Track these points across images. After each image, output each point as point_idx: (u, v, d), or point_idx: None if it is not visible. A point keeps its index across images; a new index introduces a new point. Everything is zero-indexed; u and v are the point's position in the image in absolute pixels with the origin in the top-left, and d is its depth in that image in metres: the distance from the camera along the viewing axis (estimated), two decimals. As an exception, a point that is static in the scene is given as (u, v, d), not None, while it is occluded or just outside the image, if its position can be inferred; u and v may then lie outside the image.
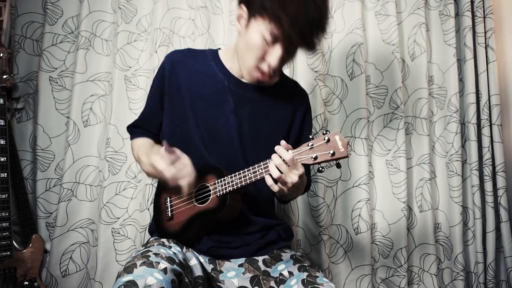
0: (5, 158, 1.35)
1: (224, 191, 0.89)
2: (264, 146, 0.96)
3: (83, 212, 1.49)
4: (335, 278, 1.54)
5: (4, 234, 1.34)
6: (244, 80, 1.01)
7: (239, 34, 0.94)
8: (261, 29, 0.86)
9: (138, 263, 0.78)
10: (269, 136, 1.02)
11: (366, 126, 1.56)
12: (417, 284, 1.62)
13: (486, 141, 1.65)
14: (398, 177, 1.59)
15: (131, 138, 1.15)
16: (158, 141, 1.11)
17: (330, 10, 1.55)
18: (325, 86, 1.59)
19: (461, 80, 1.70)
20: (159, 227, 1.02)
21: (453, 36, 1.66)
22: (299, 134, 1.09)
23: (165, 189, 1.02)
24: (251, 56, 0.90)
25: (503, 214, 1.63)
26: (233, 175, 0.88)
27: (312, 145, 0.78)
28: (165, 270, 0.77)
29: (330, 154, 0.76)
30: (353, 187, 1.57)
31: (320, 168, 0.80)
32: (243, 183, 0.86)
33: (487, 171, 1.64)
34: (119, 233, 1.46)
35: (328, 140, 0.77)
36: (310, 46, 0.88)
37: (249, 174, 0.86)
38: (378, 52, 1.63)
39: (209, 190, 0.92)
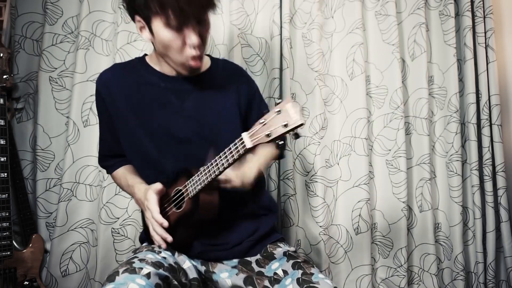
0: (5, 158, 1.35)
1: (194, 191, 0.86)
2: (222, 133, 0.96)
3: (83, 212, 1.49)
4: (335, 278, 1.54)
5: (4, 234, 1.34)
6: (176, 76, 1.01)
7: (151, 42, 0.95)
8: (161, 24, 0.86)
9: (121, 270, 0.78)
10: (223, 118, 1.01)
11: (366, 126, 1.56)
12: (417, 284, 1.62)
13: (486, 141, 1.65)
14: (398, 177, 1.59)
15: (108, 173, 1.17)
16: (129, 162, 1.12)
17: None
18: (325, 86, 1.59)
19: (461, 80, 1.70)
20: (147, 234, 1.02)
21: (453, 36, 1.66)
22: (253, 108, 1.09)
23: None
24: (174, 52, 0.90)
25: (503, 214, 1.63)
26: (198, 173, 0.85)
27: (264, 121, 0.69)
28: (148, 275, 0.76)
29: (283, 126, 0.66)
30: (353, 187, 1.57)
31: (279, 143, 0.71)
32: (209, 179, 0.82)
33: (487, 171, 1.64)
34: (119, 233, 1.46)
35: (279, 112, 0.67)
36: (208, 4, 0.87)
37: (213, 168, 0.82)
38: (378, 52, 1.63)
39: (183, 194, 0.91)
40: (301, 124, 0.65)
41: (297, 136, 0.70)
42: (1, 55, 1.37)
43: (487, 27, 1.65)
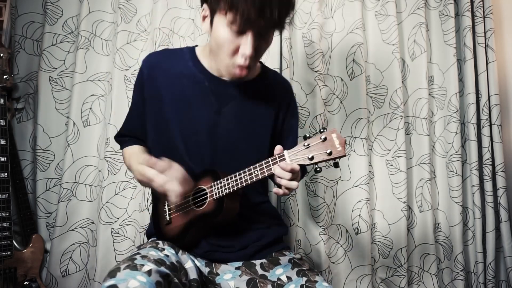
0: (5, 158, 1.35)
1: (221, 194, 0.87)
2: (252, 143, 0.95)
3: (82, 212, 1.49)
4: (335, 278, 1.54)
5: (4, 234, 1.34)
6: (224, 78, 0.99)
7: (208, 34, 0.92)
8: (224, 22, 0.83)
9: (122, 266, 0.78)
10: (256, 132, 1.00)
11: (366, 126, 1.56)
12: (417, 284, 1.62)
13: (486, 141, 1.65)
14: (398, 177, 1.59)
15: (121, 148, 1.13)
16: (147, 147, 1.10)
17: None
18: (325, 86, 1.59)
19: (461, 80, 1.70)
20: (158, 231, 1.01)
21: (453, 36, 1.66)
22: (285, 125, 1.07)
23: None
24: (224, 53, 0.87)
25: (503, 214, 1.63)
26: (229, 177, 0.86)
27: (309, 144, 0.75)
28: (149, 272, 0.76)
29: (327, 154, 0.73)
30: (353, 187, 1.57)
31: (318, 169, 0.77)
32: (239, 186, 0.84)
33: (487, 171, 1.64)
34: (118, 233, 1.46)
35: (325, 139, 0.74)
36: (278, 23, 0.83)
37: (245, 176, 0.83)
38: (378, 52, 1.63)
39: (206, 193, 0.91)
40: (344, 156, 0.72)
41: (336, 165, 0.77)
42: (1, 55, 1.37)
43: (487, 27, 1.65)
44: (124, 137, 1.12)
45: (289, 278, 0.89)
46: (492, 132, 1.65)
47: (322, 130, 0.76)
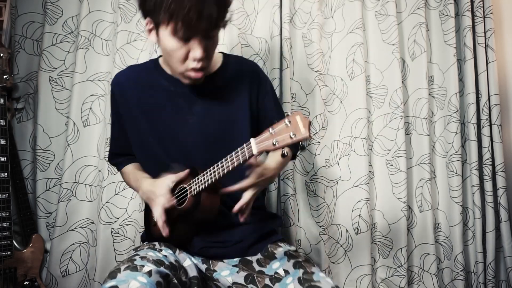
0: (5, 158, 1.35)
1: (198, 189, 0.89)
2: (231, 134, 0.97)
3: (82, 212, 1.49)
4: (335, 278, 1.54)
5: (4, 234, 1.34)
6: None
7: (157, 45, 0.95)
8: (168, 33, 0.85)
9: (123, 267, 0.78)
10: (232, 122, 1.01)
11: (366, 126, 1.56)
12: (417, 284, 1.62)
13: (486, 141, 1.65)
14: (398, 177, 1.59)
15: (118, 169, 1.19)
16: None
17: None
18: (325, 86, 1.59)
19: (461, 80, 1.70)
20: (147, 232, 1.03)
21: (453, 36, 1.66)
22: (261, 105, 1.07)
23: None
24: (176, 61, 0.90)
25: (503, 214, 1.63)
26: (204, 172, 0.88)
27: (273, 129, 0.74)
28: (149, 273, 0.77)
29: (290, 137, 0.71)
30: (353, 187, 1.57)
31: (284, 153, 0.75)
32: (212, 179, 0.85)
33: (487, 171, 1.64)
34: (118, 233, 1.46)
35: (289, 122, 0.72)
36: (218, 22, 0.85)
37: (218, 169, 0.84)
38: (378, 52, 1.63)
39: (187, 191, 0.93)
40: (308, 137, 0.70)
41: (303, 148, 0.75)
42: (1, 55, 1.37)
43: (487, 27, 1.65)
44: (117, 158, 1.17)
45: (286, 271, 0.90)
46: (492, 132, 1.64)
47: (287, 114, 0.76)
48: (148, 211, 1.06)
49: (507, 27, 1.74)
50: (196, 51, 0.86)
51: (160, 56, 1.08)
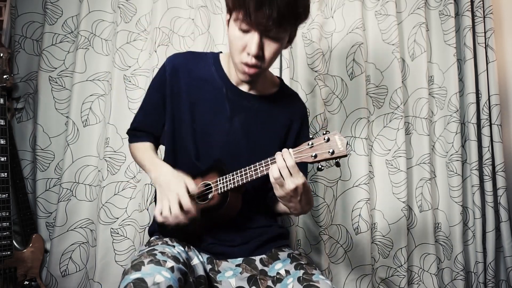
0: (5, 158, 1.35)
1: (225, 188, 0.90)
2: (258, 155, 0.95)
3: (82, 212, 1.48)
4: (335, 278, 1.54)
5: (4, 234, 1.34)
6: (241, 88, 1.02)
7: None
8: (233, 21, 0.86)
9: (146, 261, 0.78)
10: (264, 145, 1.02)
11: (366, 126, 1.56)
12: (417, 284, 1.62)
13: (486, 141, 1.65)
14: (398, 177, 1.59)
15: (131, 141, 1.12)
16: (157, 145, 1.12)
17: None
18: (325, 86, 1.59)
19: (461, 80, 1.70)
20: (161, 226, 1.01)
21: (453, 36, 1.66)
22: (294, 145, 1.07)
23: None
24: (234, 50, 0.89)
25: (503, 214, 1.63)
26: (234, 172, 0.90)
27: (312, 144, 0.80)
28: (172, 269, 0.77)
29: (329, 153, 0.78)
30: (353, 187, 1.57)
31: (320, 167, 0.81)
32: (244, 181, 0.88)
33: (487, 171, 1.64)
34: (118, 233, 1.46)
35: (328, 140, 0.79)
36: (279, 23, 0.81)
37: (250, 172, 0.87)
38: (378, 52, 1.63)
39: (211, 188, 0.94)
40: (345, 156, 0.78)
41: (338, 164, 0.82)
42: (1, 55, 1.37)
43: (487, 27, 1.65)
44: (138, 132, 1.11)
45: (287, 272, 0.91)
46: (492, 132, 1.64)
47: (325, 132, 0.81)
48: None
49: (507, 27, 1.74)
50: (252, 45, 0.85)
51: (221, 52, 1.09)
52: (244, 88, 1.03)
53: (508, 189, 1.65)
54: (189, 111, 1.01)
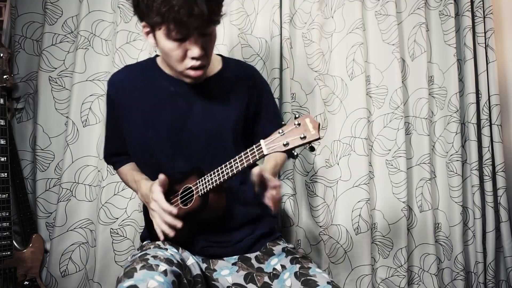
0: (5, 158, 1.35)
1: (205, 189, 0.89)
2: (226, 135, 0.97)
3: (82, 212, 1.48)
4: (335, 278, 1.54)
5: (4, 234, 1.34)
6: (187, 80, 1.01)
7: (156, 47, 0.95)
8: (162, 35, 0.86)
9: (138, 266, 0.78)
10: (228, 123, 1.01)
11: (366, 126, 1.56)
12: (417, 284, 1.62)
13: (486, 141, 1.65)
14: (398, 177, 1.59)
15: (115, 169, 1.19)
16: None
17: None
18: (325, 86, 1.59)
19: (461, 80, 1.70)
20: (151, 232, 1.02)
21: (453, 36, 1.66)
22: (259, 106, 1.08)
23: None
24: (174, 61, 0.90)
25: (503, 214, 1.63)
26: (212, 172, 0.88)
27: (283, 131, 0.76)
28: (165, 272, 0.77)
29: (301, 138, 0.73)
30: (353, 187, 1.57)
31: (294, 153, 0.78)
32: (221, 180, 0.86)
33: (487, 171, 1.63)
34: (117, 234, 1.46)
35: (299, 124, 0.74)
36: (212, 18, 0.83)
37: (226, 170, 0.85)
38: (378, 52, 1.63)
39: (192, 191, 0.93)
40: (318, 139, 0.72)
41: (312, 149, 0.78)
42: (1, 55, 1.37)
43: (487, 27, 1.65)
44: (113, 158, 1.17)
45: (283, 267, 0.91)
46: (492, 132, 1.64)
47: (296, 116, 0.77)
48: (147, 210, 1.05)
49: (507, 27, 1.74)
50: (194, 49, 0.87)
51: (157, 55, 1.08)
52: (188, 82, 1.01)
53: (508, 189, 1.65)
54: (144, 121, 1.01)
